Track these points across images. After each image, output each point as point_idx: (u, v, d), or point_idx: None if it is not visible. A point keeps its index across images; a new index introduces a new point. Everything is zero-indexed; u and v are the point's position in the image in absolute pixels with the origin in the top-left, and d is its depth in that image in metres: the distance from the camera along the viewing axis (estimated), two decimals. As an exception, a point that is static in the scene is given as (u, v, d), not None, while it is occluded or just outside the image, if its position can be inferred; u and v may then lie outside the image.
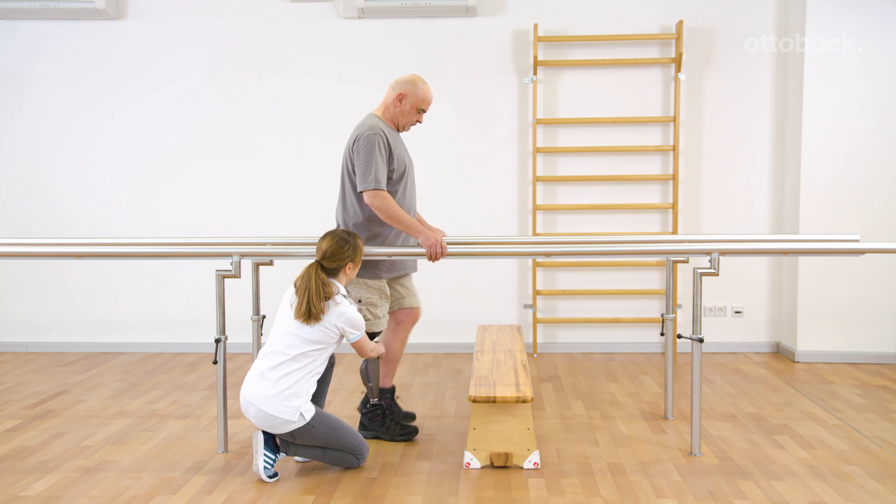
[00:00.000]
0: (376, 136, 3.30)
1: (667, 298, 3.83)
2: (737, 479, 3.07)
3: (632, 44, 5.32)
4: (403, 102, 3.42)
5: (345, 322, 3.08)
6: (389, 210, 3.27)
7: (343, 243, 3.13)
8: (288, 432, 3.07)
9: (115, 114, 5.50)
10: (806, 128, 5.04)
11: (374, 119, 3.40)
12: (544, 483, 3.03)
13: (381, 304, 3.46)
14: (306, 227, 5.40)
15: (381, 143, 3.30)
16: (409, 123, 3.48)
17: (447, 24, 5.36)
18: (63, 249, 3.65)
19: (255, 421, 3.07)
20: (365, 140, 3.30)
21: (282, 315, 3.15)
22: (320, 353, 3.11)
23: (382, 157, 3.30)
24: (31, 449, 3.48)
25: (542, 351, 5.48)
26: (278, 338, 3.10)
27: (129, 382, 4.68)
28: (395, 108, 3.43)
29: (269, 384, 3.03)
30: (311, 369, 3.09)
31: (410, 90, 3.40)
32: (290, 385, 3.03)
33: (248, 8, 5.41)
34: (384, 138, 3.32)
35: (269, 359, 3.08)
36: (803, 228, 5.05)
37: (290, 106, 5.45)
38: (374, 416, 3.58)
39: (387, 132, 3.36)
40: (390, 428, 3.56)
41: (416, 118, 3.47)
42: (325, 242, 3.15)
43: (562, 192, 5.43)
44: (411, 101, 3.41)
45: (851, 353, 5.09)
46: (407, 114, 3.44)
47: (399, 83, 3.42)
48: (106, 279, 5.57)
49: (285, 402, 3.01)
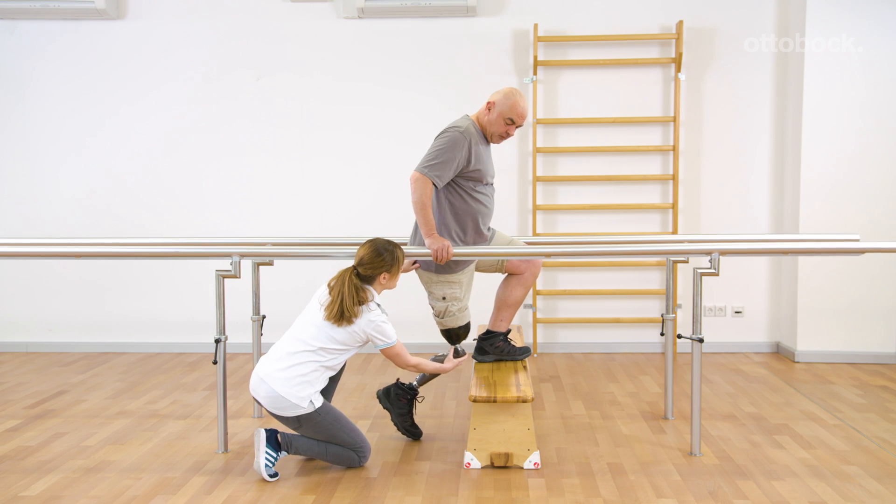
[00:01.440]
0: (462, 135, 3.28)
1: (667, 298, 3.83)
2: (737, 479, 3.07)
3: (632, 44, 5.32)
4: (492, 111, 3.36)
5: (373, 329, 3.10)
6: (421, 197, 3.25)
7: (379, 253, 3.13)
8: (294, 419, 3.08)
9: (115, 114, 5.50)
10: (806, 128, 5.04)
11: (466, 120, 3.39)
12: (544, 483, 3.03)
13: (466, 297, 3.51)
14: (306, 227, 5.43)
15: (466, 145, 3.28)
16: (496, 133, 3.40)
17: (447, 24, 5.36)
18: (63, 249, 3.65)
19: (264, 401, 3.09)
20: (450, 134, 3.29)
21: (312, 306, 3.18)
22: (341, 353, 3.14)
23: (456, 158, 3.27)
24: (31, 449, 3.48)
25: (542, 351, 5.48)
26: (305, 327, 3.13)
27: (129, 382, 4.68)
28: (485, 115, 3.39)
29: (285, 367, 3.06)
30: (328, 365, 3.13)
31: (500, 100, 3.35)
32: (306, 373, 3.06)
33: (248, 8, 5.41)
34: (469, 141, 3.30)
35: (292, 344, 3.11)
36: (803, 228, 5.05)
37: (290, 106, 5.45)
38: (403, 395, 3.54)
39: (475, 135, 3.35)
40: (407, 416, 3.54)
41: (505, 129, 3.38)
42: (364, 249, 3.16)
43: (562, 192, 5.43)
44: (499, 110, 3.34)
45: (851, 353, 5.09)
46: (494, 123, 3.37)
47: (495, 93, 3.39)
48: (106, 279, 5.57)
49: (297, 388, 3.04)
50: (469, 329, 3.60)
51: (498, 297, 3.64)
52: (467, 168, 3.33)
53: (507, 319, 3.66)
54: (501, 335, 3.66)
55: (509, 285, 3.62)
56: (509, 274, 3.64)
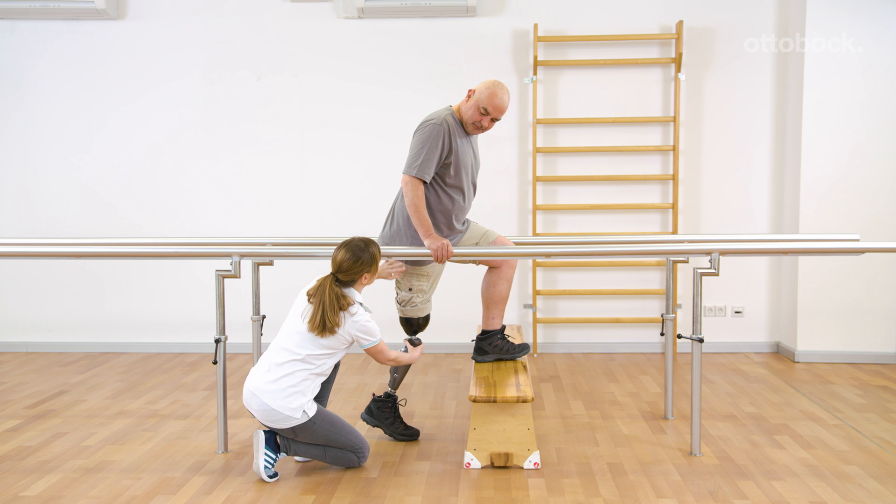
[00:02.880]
0: (439, 126, 3.28)
1: (667, 298, 3.83)
2: (737, 479, 3.07)
3: (632, 44, 5.32)
4: (471, 98, 3.36)
5: (358, 330, 3.09)
6: (415, 201, 3.26)
7: (358, 257, 3.10)
8: (289, 429, 3.07)
9: (116, 114, 5.50)
10: (806, 128, 5.04)
11: (445, 111, 3.38)
12: (544, 483, 3.03)
13: (431, 290, 3.53)
14: (306, 227, 5.43)
15: (443, 135, 3.28)
16: (470, 121, 3.37)
17: (447, 24, 5.36)
18: (63, 249, 3.65)
19: (258, 414, 3.07)
20: (429, 127, 3.29)
21: (294, 314, 3.15)
22: (329, 358, 3.12)
23: (437, 150, 3.27)
24: (31, 449, 3.48)
25: (542, 351, 5.48)
26: (289, 335, 3.10)
27: (129, 382, 4.68)
28: (464, 102, 3.38)
29: (275, 379, 3.04)
30: (318, 371, 3.10)
31: (481, 88, 3.34)
32: (296, 383, 3.04)
33: (248, 8, 5.41)
34: (448, 130, 3.29)
35: (279, 354, 3.09)
36: (803, 228, 5.05)
37: (290, 106, 5.45)
38: (384, 406, 3.56)
39: (453, 125, 3.33)
40: (395, 423, 3.56)
41: (479, 118, 3.35)
42: (341, 255, 3.12)
43: (562, 192, 5.43)
44: (476, 98, 3.33)
45: (851, 353, 5.09)
46: (470, 109, 3.35)
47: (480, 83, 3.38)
48: (106, 279, 5.57)
49: (289, 399, 3.02)
50: (429, 320, 3.60)
51: (484, 297, 3.61)
52: (444, 159, 3.33)
53: (499, 316, 3.63)
54: (498, 333, 3.66)
55: (491, 282, 3.58)
56: (488, 268, 3.60)
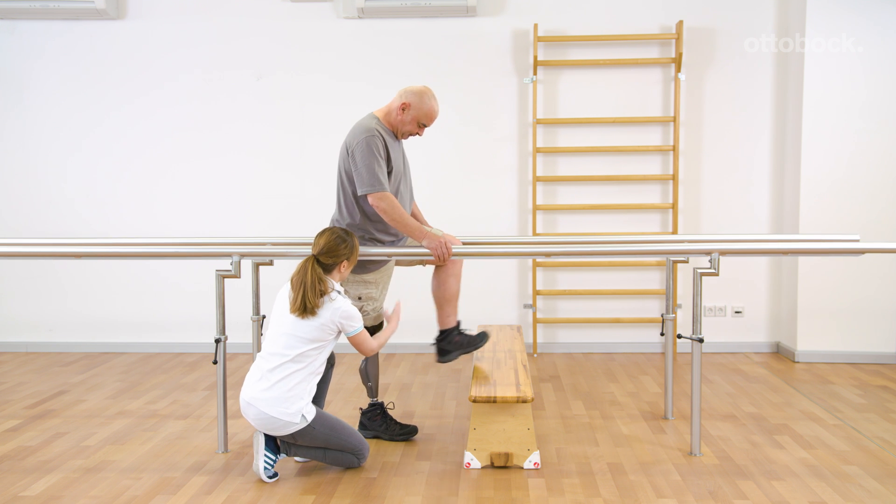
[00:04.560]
0: (374, 137, 3.27)
1: (667, 298, 3.83)
2: (737, 479, 3.07)
3: (632, 44, 5.32)
4: (406, 112, 3.36)
5: (341, 316, 3.07)
6: (394, 212, 3.26)
7: (340, 240, 3.12)
8: (289, 434, 3.06)
9: (115, 113, 5.50)
10: (806, 128, 5.04)
11: (372, 121, 3.37)
12: (544, 483, 3.03)
13: (381, 297, 3.49)
14: (306, 227, 5.37)
15: (378, 145, 3.27)
16: (408, 133, 3.43)
17: (447, 24, 5.36)
18: (63, 249, 3.65)
19: (256, 423, 3.07)
20: (364, 143, 3.27)
21: (278, 315, 3.14)
22: (319, 353, 3.10)
23: (380, 159, 3.28)
24: (31, 449, 3.48)
25: (542, 351, 5.48)
26: (275, 339, 3.09)
27: (129, 382, 4.68)
28: (398, 115, 3.37)
29: (269, 386, 3.02)
30: (311, 370, 3.09)
31: (416, 102, 3.34)
32: (292, 387, 3.03)
33: (248, 8, 5.41)
34: (381, 140, 3.30)
35: (269, 361, 3.08)
36: (803, 228, 5.05)
37: (290, 106, 5.45)
38: (373, 415, 3.59)
39: (384, 134, 3.34)
40: (390, 427, 3.57)
41: (417, 131, 3.41)
42: (323, 238, 3.14)
43: (562, 192, 5.43)
44: (413, 114, 3.35)
45: (851, 353, 5.09)
46: (408, 123, 3.38)
47: (407, 92, 3.36)
48: (106, 279, 5.57)
49: (286, 405, 3.01)
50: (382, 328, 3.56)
51: (436, 296, 3.53)
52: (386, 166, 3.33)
53: (453, 313, 3.56)
54: (455, 330, 3.56)
55: (441, 281, 3.50)
56: (435, 267, 3.53)
